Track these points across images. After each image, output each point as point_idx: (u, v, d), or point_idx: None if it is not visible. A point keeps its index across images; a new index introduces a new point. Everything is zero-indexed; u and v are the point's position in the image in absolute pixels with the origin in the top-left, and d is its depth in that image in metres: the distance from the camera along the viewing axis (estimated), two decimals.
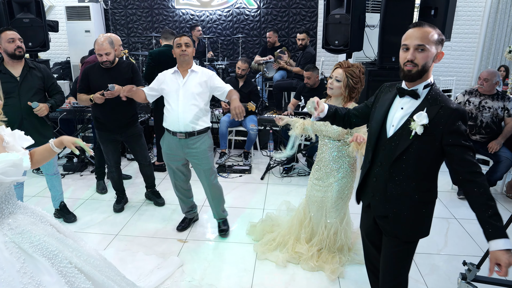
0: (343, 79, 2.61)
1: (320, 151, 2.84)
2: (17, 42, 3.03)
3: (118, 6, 7.26)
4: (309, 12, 6.87)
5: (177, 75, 3.00)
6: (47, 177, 3.46)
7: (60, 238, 1.77)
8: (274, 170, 4.75)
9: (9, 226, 1.62)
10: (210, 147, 3.13)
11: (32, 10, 5.13)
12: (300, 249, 2.95)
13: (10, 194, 1.68)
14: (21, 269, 1.52)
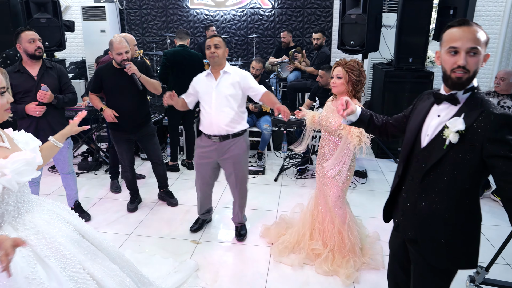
0: (344, 75, 2.64)
1: (320, 145, 2.90)
2: (37, 43, 3.06)
3: (133, 6, 7.30)
4: (324, 12, 6.80)
5: (210, 77, 2.96)
6: (62, 176, 3.48)
7: (76, 239, 1.74)
8: (288, 172, 4.70)
9: (24, 226, 1.60)
10: (246, 151, 3.05)
11: (49, 10, 5.19)
12: (315, 245, 2.93)
13: (25, 192, 1.66)
14: (31, 275, 1.49)
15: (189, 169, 4.85)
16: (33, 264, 1.52)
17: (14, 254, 1.28)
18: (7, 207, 1.56)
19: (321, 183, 2.89)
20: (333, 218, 2.85)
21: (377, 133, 1.91)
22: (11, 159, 1.54)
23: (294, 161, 4.93)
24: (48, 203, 1.82)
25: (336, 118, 2.68)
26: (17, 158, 1.56)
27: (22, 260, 1.50)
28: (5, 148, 1.61)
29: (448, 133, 1.46)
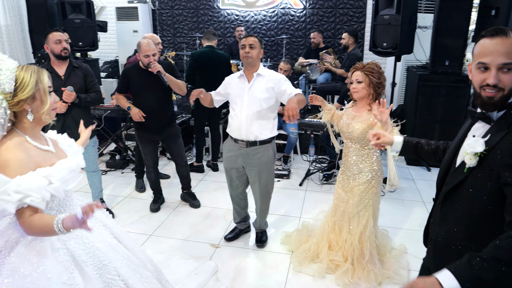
0: (364, 78, 2.55)
1: (344, 154, 2.78)
2: (63, 44, 3.11)
3: (165, 7, 7.38)
4: (357, 12, 6.61)
5: (243, 79, 2.83)
6: (88, 174, 3.54)
7: (112, 244, 1.74)
8: (313, 177, 4.58)
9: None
10: (272, 159, 2.93)
11: (83, 11, 5.32)
12: (335, 256, 2.82)
13: (68, 196, 1.67)
14: (68, 280, 1.49)
15: (213, 171, 4.83)
16: (71, 270, 1.51)
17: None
18: (50, 212, 1.57)
19: (340, 192, 2.78)
20: (350, 230, 2.73)
21: (433, 159, 1.70)
22: (57, 167, 1.54)
23: (321, 166, 4.81)
24: None
25: (358, 124, 2.58)
26: (63, 167, 1.56)
27: (60, 265, 1.50)
28: (50, 152, 1.62)
29: (465, 155, 1.31)
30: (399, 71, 5.37)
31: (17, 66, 1.50)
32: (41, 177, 1.45)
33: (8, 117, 1.47)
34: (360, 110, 2.64)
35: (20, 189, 1.38)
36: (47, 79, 1.57)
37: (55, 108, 1.63)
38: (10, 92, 1.45)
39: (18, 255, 1.48)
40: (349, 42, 5.34)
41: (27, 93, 1.48)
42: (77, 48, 5.36)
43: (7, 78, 1.44)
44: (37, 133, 1.61)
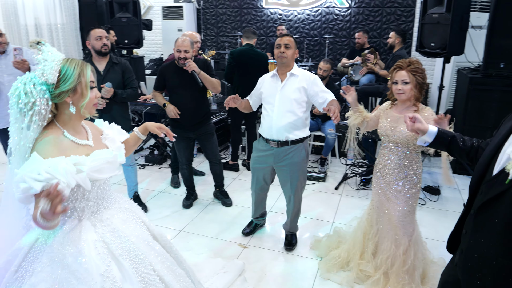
0: (411, 79, 2.35)
1: (384, 157, 2.56)
2: (104, 40, 3.21)
3: (209, 6, 7.47)
4: (405, 11, 6.32)
5: (276, 79, 2.83)
6: (124, 167, 3.63)
7: (148, 240, 1.74)
8: (350, 181, 4.42)
9: (102, 223, 1.61)
10: (304, 160, 2.88)
11: (130, 10, 5.49)
12: (365, 267, 2.67)
13: (106, 189, 1.68)
14: (105, 272, 1.50)
15: (248, 170, 4.79)
16: (107, 262, 1.53)
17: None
18: (88, 202, 1.59)
19: (382, 200, 2.59)
20: (395, 239, 2.55)
21: (465, 158, 1.63)
22: (92, 157, 1.55)
23: (359, 170, 4.63)
24: (126, 201, 1.83)
25: (404, 126, 2.38)
26: (98, 157, 1.57)
27: (97, 257, 1.51)
28: (88, 146, 1.63)
29: (508, 166, 1.19)
30: (448, 73, 5.07)
31: (63, 58, 1.53)
32: (71, 164, 1.46)
33: (49, 108, 1.50)
34: (404, 112, 2.43)
35: (50, 170, 1.38)
36: (90, 73, 1.58)
37: (96, 103, 1.64)
38: (53, 83, 1.48)
39: (57, 245, 1.51)
40: (395, 41, 5.11)
41: (69, 85, 1.50)
42: (123, 46, 5.54)
43: (51, 69, 1.47)
44: (76, 126, 1.62)
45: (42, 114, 1.47)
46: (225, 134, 5.50)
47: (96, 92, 1.63)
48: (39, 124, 1.48)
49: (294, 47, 2.77)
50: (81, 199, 1.57)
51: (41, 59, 1.47)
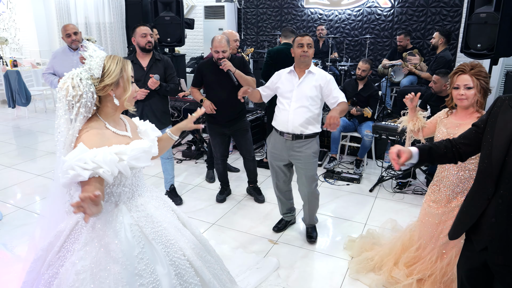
0: (475, 84, 2.20)
1: (442, 169, 2.41)
2: (148, 37, 3.35)
3: (250, 6, 7.56)
4: (451, 11, 6.09)
5: (293, 75, 2.94)
6: (162, 160, 3.77)
7: (178, 227, 1.83)
8: (386, 184, 4.34)
9: (136, 208, 1.71)
10: (315, 152, 2.99)
11: (173, 9, 5.68)
12: (397, 274, 2.61)
13: (140, 177, 1.79)
14: (139, 254, 1.59)
15: None
16: (141, 245, 1.62)
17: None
18: (124, 189, 1.69)
19: (435, 210, 2.44)
20: (444, 253, 2.43)
21: (446, 161, 1.76)
22: (130, 147, 1.66)
23: (395, 173, 4.53)
24: (156, 191, 1.94)
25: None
26: (136, 146, 1.68)
27: (133, 240, 1.61)
28: (127, 137, 1.75)
29: None
30: (496, 76, 4.85)
31: (106, 56, 1.66)
32: (114, 153, 1.56)
33: (94, 101, 1.61)
34: (465, 118, 2.31)
35: (96, 159, 1.49)
36: (130, 69, 1.70)
37: (135, 96, 1.76)
38: (98, 77, 1.60)
39: (95, 227, 1.61)
40: (439, 42, 4.95)
41: (112, 79, 1.61)
42: (165, 44, 5.74)
43: (97, 65, 1.59)
44: (116, 119, 1.74)
45: (88, 106, 1.59)
46: (261, 132, 5.55)
47: (135, 86, 1.73)
48: (85, 116, 1.59)
49: (313, 46, 2.90)
50: (118, 185, 1.66)
51: (87, 55, 1.60)
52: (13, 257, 2.83)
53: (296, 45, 2.88)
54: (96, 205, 1.33)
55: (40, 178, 4.43)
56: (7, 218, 3.52)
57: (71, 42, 3.95)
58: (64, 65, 3.86)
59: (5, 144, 5.77)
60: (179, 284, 1.67)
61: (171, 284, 1.62)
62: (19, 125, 6.93)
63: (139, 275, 1.56)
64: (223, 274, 2.00)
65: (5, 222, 3.45)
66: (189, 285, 1.69)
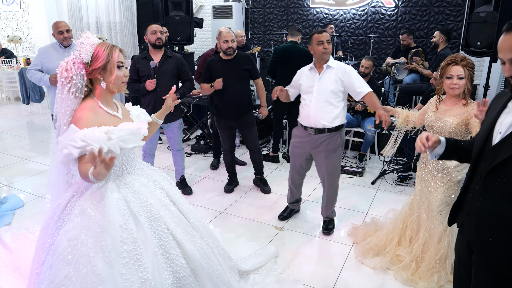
0: (466, 74, 2.43)
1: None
2: (158, 34, 3.53)
3: (257, 5, 7.74)
4: (454, 11, 6.22)
5: (313, 71, 3.03)
6: (173, 152, 3.96)
7: (165, 203, 2.00)
8: (387, 177, 4.49)
9: (125, 186, 1.90)
10: (339, 147, 3.06)
11: (183, 9, 5.86)
12: (402, 251, 2.80)
13: (130, 157, 1.96)
14: (124, 225, 1.76)
15: (288, 162, 4.98)
16: (126, 217, 1.79)
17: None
18: (114, 168, 1.87)
19: (423, 188, 2.70)
20: (431, 228, 2.65)
21: (468, 155, 1.75)
22: (118, 127, 1.84)
23: (397, 167, 4.68)
24: (150, 169, 2.12)
25: (452, 118, 2.49)
26: (124, 128, 1.85)
27: (118, 213, 1.78)
28: (117, 118, 1.93)
29: None
30: (495, 73, 4.98)
31: (98, 43, 1.85)
32: (102, 132, 1.74)
33: (85, 82, 1.81)
34: (452, 104, 2.54)
35: (85, 138, 1.68)
36: (117, 54, 1.87)
37: (125, 81, 1.93)
38: (87, 62, 1.80)
39: (86, 200, 1.80)
40: (440, 40, 5.09)
41: (99, 63, 1.80)
42: (175, 42, 5.93)
43: (87, 51, 1.79)
44: (109, 100, 1.92)
45: (79, 87, 1.78)
46: (267, 128, 5.72)
47: (124, 71, 1.90)
48: (76, 96, 1.79)
49: (331, 41, 3.00)
50: None
51: (79, 43, 1.80)
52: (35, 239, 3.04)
53: (316, 42, 2.93)
54: (106, 169, 1.54)
55: None
56: (28, 206, 3.73)
57: (62, 39, 3.82)
58: (54, 62, 3.75)
59: (21, 138, 6.00)
60: (161, 253, 1.83)
61: (153, 253, 1.78)
62: (33, 121, 7.17)
63: (123, 242, 1.73)
64: (210, 249, 2.16)
65: (26, 209, 3.66)
66: (170, 255, 1.85)
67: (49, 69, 3.76)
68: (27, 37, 10.36)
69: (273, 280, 2.64)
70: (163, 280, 1.79)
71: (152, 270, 1.76)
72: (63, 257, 1.71)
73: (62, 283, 1.68)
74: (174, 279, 1.85)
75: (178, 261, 1.88)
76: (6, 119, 7.32)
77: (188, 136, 5.82)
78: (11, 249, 2.94)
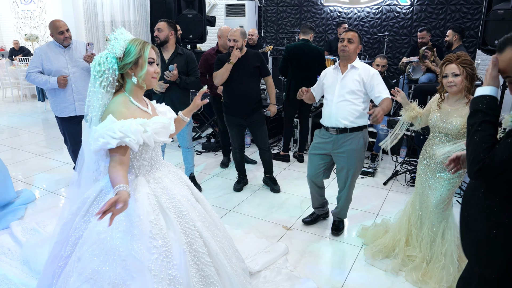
0: (461, 71, 2.41)
1: (434, 146, 2.62)
2: (156, 32, 3.55)
3: (270, 4, 7.70)
4: (471, 9, 6.08)
5: (337, 70, 3.00)
6: (183, 149, 3.96)
7: (191, 201, 2.00)
8: (400, 178, 4.41)
9: (154, 181, 1.90)
10: (362, 148, 2.99)
11: (195, 7, 5.88)
12: (412, 252, 2.75)
13: (158, 153, 1.98)
14: (154, 220, 1.76)
15: (299, 161, 4.95)
16: (157, 212, 1.79)
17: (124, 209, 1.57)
18: (143, 162, 1.89)
19: (424, 186, 2.68)
20: (432, 226, 2.63)
21: None
22: (153, 119, 1.87)
23: (410, 168, 4.59)
24: (173, 167, 2.14)
25: (457, 118, 2.46)
26: (157, 120, 1.88)
27: (149, 207, 1.78)
28: (148, 113, 1.95)
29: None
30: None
31: (131, 39, 1.86)
32: (139, 124, 1.76)
33: (116, 77, 1.82)
34: (455, 104, 2.51)
35: (123, 129, 1.70)
36: (149, 51, 1.87)
37: (155, 77, 1.92)
38: (119, 56, 1.82)
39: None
40: (453, 39, 4.98)
41: (131, 58, 1.81)
42: (187, 40, 5.94)
43: (120, 46, 1.81)
44: (139, 96, 1.94)
45: (110, 80, 1.80)
46: (278, 127, 5.69)
47: (155, 67, 1.90)
48: (108, 90, 1.81)
49: (357, 42, 2.90)
50: (138, 158, 1.87)
51: (113, 37, 1.82)
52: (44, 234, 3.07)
53: (340, 39, 2.94)
54: (123, 203, 1.53)
55: (67, 166, 4.69)
56: (40, 200, 3.78)
57: (63, 39, 3.69)
58: (55, 62, 3.69)
59: (36, 135, 6.10)
60: (189, 251, 1.83)
61: (182, 250, 1.78)
62: (48, 118, 7.28)
63: (153, 238, 1.72)
64: (229, 250, 2.15)
65: (38, 204, 3.71)
66: (197, 253, 1.85)
67: (51, 70, 3.67)
68: (43, 35, 10.54)
69: (284, 277, 2.63)
70: (190, 278, 1.78)
71: (180, 267, 1.75)
72: (92, 250, 1.71)
73: (91, 276, 1.68)
74: (200, 277, 1.85)
75: (204, 259, 1.87)
76: (23, 115, 7.46)
77: (199, 134, 5.82)
78: (21, 243, 2.98)
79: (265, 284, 2.56)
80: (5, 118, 7.22)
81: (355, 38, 2.88)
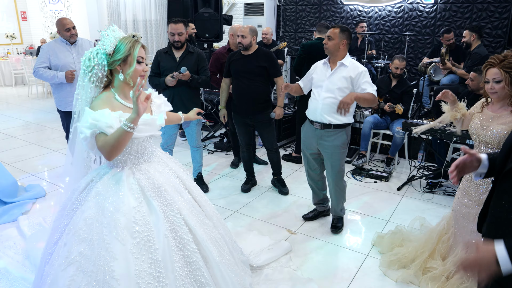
0: (504, 76, 2.14)
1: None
2: (176, 37, 3.48)
3: (289, 3, 7.60)
4: (499, 7, 5.78)
5: (326, 67, 3.02)
6: (191, 148, 3.93)
7: (179, 190, 2.04)
8: (415, 183, 4.23)
9: (140, 172, 1.95)
10: (343, 144, 3.03)
11: (212, 6, 5.85)
12: (433, 264, 2.58)
13: (146, 146, 2.01)
14: (137, 207, 1.84)
15: None
16: (140, 200, 1.87)
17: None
18: (129, 156, 1.94)
19: (465, 202, 2.44)
20: (474, 242, 2.41)
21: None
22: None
23: (427, 173, 4.40)
24: (167, 157, 2.18)
25: (499, 126, 2.24)
26: None
27: (132, 196, 1.86)
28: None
29: None
30: None
31: (122, 36, 1.88)
32: (114, 113, 1.79)
33: (105, 72, 1.86)
34: (499, 111, 2.29)
35: (94, 116, 1.75)
36: (139, 50, 1.89)
37: (143, 75, 1.93)
38: (109, 53, 1.84)
39: (103, 183, 1.89)
40: (471, 39, 4.75)
41: (120, 56, 1.85)
42: (203, 39, 5.93)
43: (110, 42, 1.85)
44: (126, 93, 1.94)
45: (99, 76, 1.85)
46: (291, 127, 5.59)
47: (144, 66, 1.93)
48: (97, 85, 1.86)
49: (337, 38, 2.89)
50: (123, 153, 1.90)
51: (104, 34, 1.85)
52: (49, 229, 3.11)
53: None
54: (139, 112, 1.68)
55: None
56: (49, 196, 3.84)
57: (70, 36, 3.84)
58: (62, 58, 3.81)
59: (54, 131, 6.23)
60: (173, 238, 1.88)
61: (164, 235, 1.83)
62: None
63: (135, 223, 1.80)
64: (221, 239, 2.17)
65: (48, 199, 3.77)
66: (182, 239, 1.90)
67: (58, 65, 3.82)
68: None
69: (286, 277, 2.62)
70: (173, 263, 1.84)
71: (162, 252, 1.81)
72: (79, 235, 1.79)
73: (76, 259, 1.76)
74: (184, 263, 1.90)
75: (189, 246, 1.91)
76: (45, 112, 7.66)
77: (212, 134, 5.79)
78: (26, 238, 3.02)
79: (266, 282, 2.57)
80: (30, 114, 7.44)
81: (334, 35, 2.88)
